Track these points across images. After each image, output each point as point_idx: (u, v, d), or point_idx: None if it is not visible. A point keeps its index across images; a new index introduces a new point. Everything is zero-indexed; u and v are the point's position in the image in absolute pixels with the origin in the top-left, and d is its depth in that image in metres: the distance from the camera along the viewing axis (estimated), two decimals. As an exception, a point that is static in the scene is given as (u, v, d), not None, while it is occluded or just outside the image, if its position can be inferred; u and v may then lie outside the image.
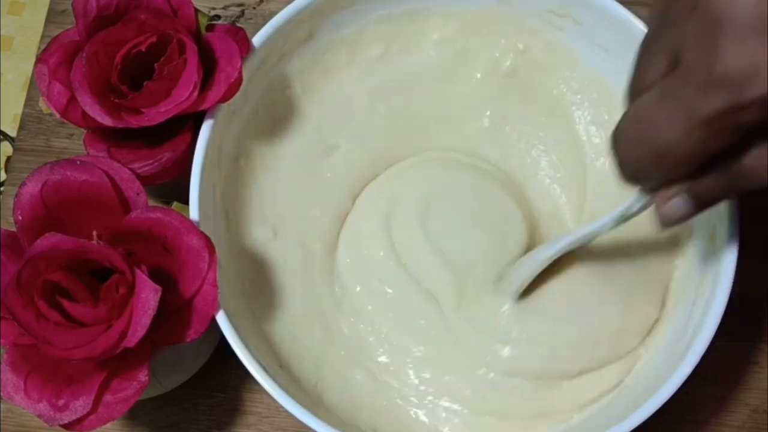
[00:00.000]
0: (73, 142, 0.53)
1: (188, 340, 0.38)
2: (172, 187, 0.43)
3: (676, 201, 0.32)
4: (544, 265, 0.43)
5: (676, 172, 0.30)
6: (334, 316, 0.46)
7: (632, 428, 0.38)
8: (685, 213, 0.32)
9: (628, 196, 0.36)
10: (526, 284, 0.44)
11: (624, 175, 0.31)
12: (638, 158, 0.30)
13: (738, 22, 0.25)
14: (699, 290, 0.42)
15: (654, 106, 0.28)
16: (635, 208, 0.36)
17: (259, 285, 0.45)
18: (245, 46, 0.43)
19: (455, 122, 0.50)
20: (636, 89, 0.30)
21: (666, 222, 0.33)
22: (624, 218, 0.37)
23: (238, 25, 0.56)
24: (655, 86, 0.28)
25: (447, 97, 0.50)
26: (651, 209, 0.34)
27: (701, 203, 0.32)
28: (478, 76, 0.50)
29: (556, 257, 0.42)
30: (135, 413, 0.47)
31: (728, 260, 0.40)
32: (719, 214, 0.42)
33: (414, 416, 0.44)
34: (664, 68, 0.28)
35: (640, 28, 0.44)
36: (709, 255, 0.42)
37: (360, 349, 0.46)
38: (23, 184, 0.38)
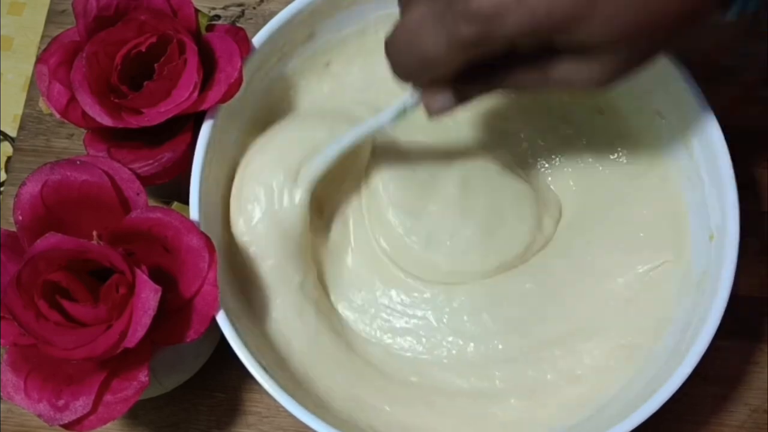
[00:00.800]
0: (73, 142, 0.53)
1: (188, 340, 0.38)
2: (172, 187, 0.43)
3: (440, 97, 0.37)
4: (331, 159, 0.43)
5: (439, 76, 0.35)
6: (334, 316, 0.46)
7: (632, 428, 0.38)
8: (447, 106, 0.37)
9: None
10: (315, 180, 0.44)
11: (396, 76, 0.36)
12: (407, 63, 0.35)
13: None
14: (699, 290, 0.42)
15: (422, 23, 0.33)
16: (410, 103, 0.40)
17: (259, 285, 0.45)
18: (245, 46, 0.43)
19: (458, 126, 0.50)
20: None
21: (432, 112, 0.38)
22: (402, 112, 0.40)
23: (238, 25, 0.56)
24: (423, 4, 0.33)
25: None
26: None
27: (461, 99, 0.37)
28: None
29: (342, 151, 0.43)
30: (135, 413, 0.47)
31: (728, 260, 0.40)
32: (719, 214, 0.42)
33: (415, 416, 0.44)
34: None
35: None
36: (709, 255, 0.42)
37: (361, 349, 0.46)
38: (23, 184, 0.38)
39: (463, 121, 0.49)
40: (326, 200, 0.48)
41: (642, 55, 0.34)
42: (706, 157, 0.43)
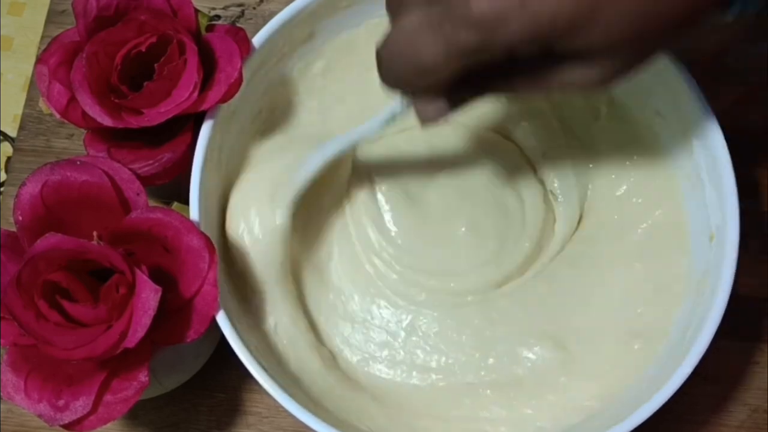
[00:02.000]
0: (73, 143, 0.53)
1: (188, 340, 0.38)
2: (172, 187, 0.43)
3: (434, 105, 0.36)
4: (312, 175, 0.42)
5: (436, 86, 0.34)
6: (332, 315, 0.46)
7: (632, 428, 0.38)
8: (441, 114, 0.36)
9: None
10: (296, 197, 0.43)
11: (388, 84, 0.35)
12: (401, 71, 0.34)
13: None
14: (699, 290, 0.42)
15: (418, 30, 0.32)
16: (399, 111, 0.38)
17: (259, 285, 0.45)
18: (245, 47, 0.43)
19: (447, 137, 0.50)
20: (398, 2, 0.34)
21: (425, 121, 0.36)
22: (390, 120, 0.39)
23: (238, 25, 0.56)
24: (418, 9, 0.32)
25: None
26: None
27: (455, 106, 0.36)
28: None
29: (323, 165, 0.42)
30: (135, 413, 0.47)
31: (728, 260, 0.40)
32: (720, 214, 0.42)
33: (413, 416, 0.44)
34: None
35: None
36: (709, 255, 0.42)
37: (360, 349, 0.46)
38: (23, 184, 0.38)
39: (453, 133, 0.49)
40: (308, 220, 0.47)
41: (641, 56, 0.33)
42: (706, 157, 0.43)
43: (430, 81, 0.34)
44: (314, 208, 0.47)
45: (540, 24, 0.30)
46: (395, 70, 0.34)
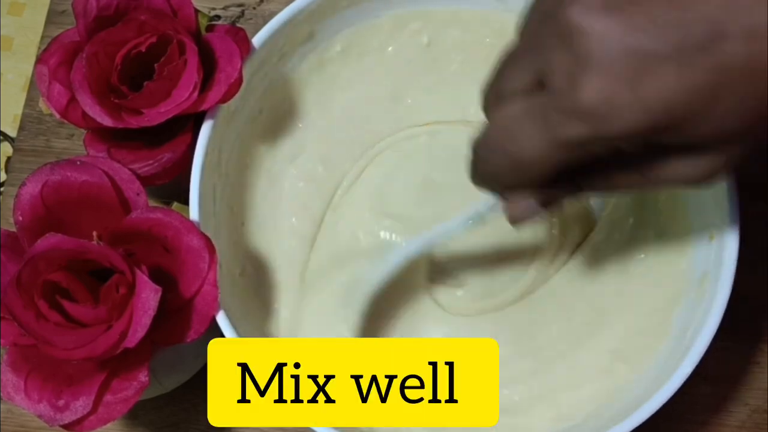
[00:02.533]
0: (73, 143, 0.53)
1: (188, 340, 0.38)
2: (172, 187, 0.43)
3: (526, 203, 0.34)
4: (393, 270, 0.41)
5: (531, 183, 0.32)
6: (334, 314, 0.46)
7: (632, 428, 0.38)
8: (532, 213, 0.34)
9: None
10: (371, 293, 0.42)
11: (479, 179, 0.34)
12: (498, 165, 0.31)
13: (604, 61, 0.27)
14: (699, 290, 0.42)
15: (519, 121, 0.30)
16: (485, 210, 0.37)
17: (260, 284, 0.45)
18: (245, 47, 0.43)
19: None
20: (495, 94, 0.32)
21: (515, 220, 0.35)
22: (474, 219, 0.38)
23: (238, 25, 0.56)
24: (519, 99, 0.30)
25: (448, 98, 0.50)
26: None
27: (546, 205, 0.34)
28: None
29: (406, 262, 0.41)
30: (135, 413, 0.47)
31: (728, 260, 0.40)
32: (719, 214, 0.42)
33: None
34: (527, 84, 0.30)
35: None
36: (709, 255, 0.42)
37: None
38: (23, 184, 0.38)
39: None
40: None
41: (759, 145, 0.30)
42: (706, 157, 0.43)
43: (528, 177, 0.31)
44: None
45: (654, 113, 0.27)
46: (491, 165, 0.32)
